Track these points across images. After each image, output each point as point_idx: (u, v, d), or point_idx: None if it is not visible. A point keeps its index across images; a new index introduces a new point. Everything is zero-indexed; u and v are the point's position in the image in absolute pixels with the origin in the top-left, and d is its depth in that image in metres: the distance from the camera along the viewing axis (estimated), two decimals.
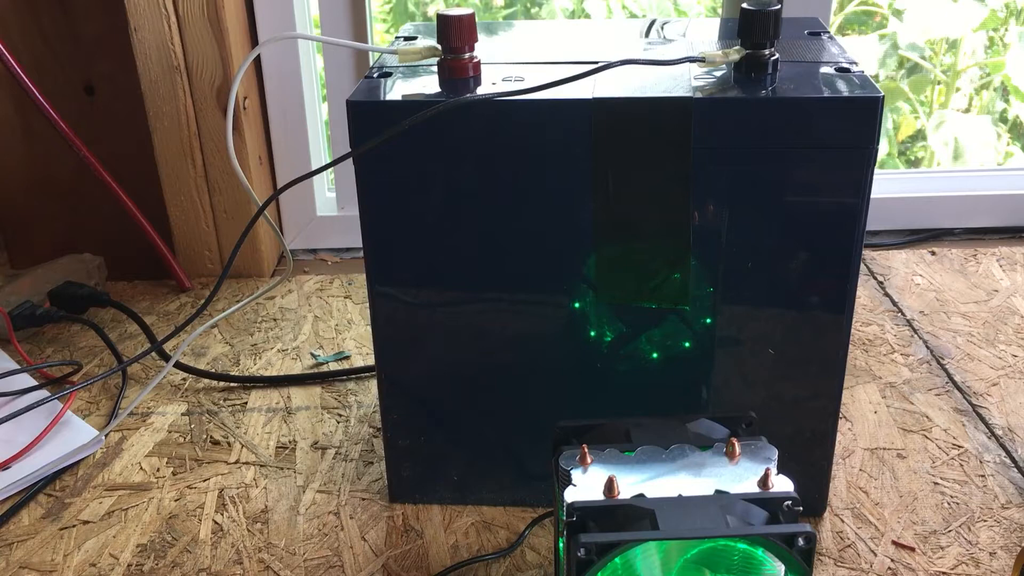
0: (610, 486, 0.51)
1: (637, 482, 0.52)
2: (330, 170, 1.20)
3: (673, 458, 0.54)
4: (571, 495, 0.51)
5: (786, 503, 0.50)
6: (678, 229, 0.65)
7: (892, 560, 0.68)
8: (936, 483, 0.76)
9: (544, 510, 0.74)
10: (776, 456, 0.54)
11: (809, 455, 0.71)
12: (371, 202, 0.66)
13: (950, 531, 0.71)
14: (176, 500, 0.76)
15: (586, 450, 0.54)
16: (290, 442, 0.83)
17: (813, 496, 0.73)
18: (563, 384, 0.71)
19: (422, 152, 0.64)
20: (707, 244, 0.65)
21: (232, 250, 0.78)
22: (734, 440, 0.54)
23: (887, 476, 0.77)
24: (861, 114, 0.61)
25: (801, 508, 0.50)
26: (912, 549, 0.69)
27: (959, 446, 0.80)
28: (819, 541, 0.69)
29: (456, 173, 0.65)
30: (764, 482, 0.51)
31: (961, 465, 0.78)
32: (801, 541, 0.48)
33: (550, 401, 0.72)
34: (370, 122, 0.64)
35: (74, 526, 0.74)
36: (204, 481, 0.78)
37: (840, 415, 0.73)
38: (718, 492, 0.51)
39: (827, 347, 0.68)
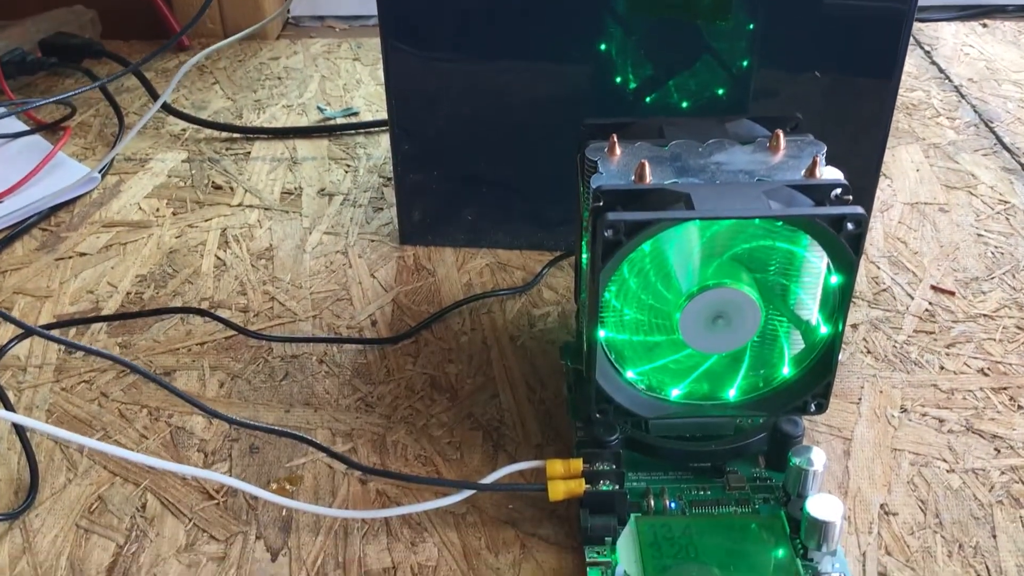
0: (641, 172, 0.46)
1: (670, 171, 0.47)
2: None
3: (711, 152, 0.49)
4: (597, 181, 0.47)
5: (835, 191, 0.45)
6: None
7: (930, 303, 0.64)
8: (980, 235, 0.71)
9: (562, 252, 0.70)
10: (825, 150, 0.49)
11: None
12: None
13: (993, 278, 0.67)
14: (177, 237, 0.73)
15: (615, 139, 0.49)
16: (296, 188, 0.79)
17: None
18: None
19: None
20: None
21: None
22: (779, 132, 0.49)
23: (927, 228, 0.72)
24: None
25: (851, 198, 0.45)
26: (952, 293, 0.65)
27: (1006, 201, 0.75)
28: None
29: None
30: (811, 171, 0.46)
31: (1007, 219, 0.73)
32: (850, 225, 0.43)
33: (571, 150, 0.67)
34: None
35: (70, 257, 0.70)
36: (206, 221, 0.75)
37: (880, 173, 0.68)
38: (760, 181, 0.47)
39: (872, 95, 0.62)
